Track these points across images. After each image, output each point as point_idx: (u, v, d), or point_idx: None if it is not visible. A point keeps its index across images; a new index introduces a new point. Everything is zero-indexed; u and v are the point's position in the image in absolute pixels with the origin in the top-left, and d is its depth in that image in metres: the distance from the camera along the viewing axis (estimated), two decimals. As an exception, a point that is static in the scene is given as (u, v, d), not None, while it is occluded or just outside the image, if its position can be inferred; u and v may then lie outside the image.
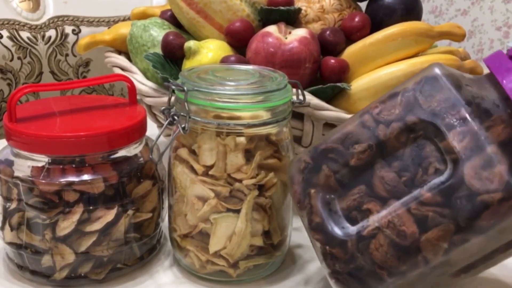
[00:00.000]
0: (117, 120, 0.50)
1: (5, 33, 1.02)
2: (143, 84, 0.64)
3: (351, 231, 0.41)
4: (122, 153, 0.49)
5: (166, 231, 0.56)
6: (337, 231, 0.42)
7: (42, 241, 0.47)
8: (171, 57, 0.64)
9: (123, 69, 0.68)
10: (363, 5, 0.69)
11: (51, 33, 1.08)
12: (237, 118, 0.46)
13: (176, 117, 0.48)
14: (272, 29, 0.61)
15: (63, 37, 1.09)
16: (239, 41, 0.63)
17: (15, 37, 1.03)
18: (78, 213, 0.47)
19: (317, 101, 0.57)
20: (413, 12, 0.65)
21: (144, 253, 0.53)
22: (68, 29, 1.10)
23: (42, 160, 0.47)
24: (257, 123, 0.47)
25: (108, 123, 0.49)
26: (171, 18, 0.70)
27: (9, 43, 1.03)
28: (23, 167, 0.47)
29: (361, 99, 0.59)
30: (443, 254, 0.38)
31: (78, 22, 1.11)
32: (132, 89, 0.55)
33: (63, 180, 0.46)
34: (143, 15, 0.77)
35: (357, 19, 0.63)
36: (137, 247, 0.51)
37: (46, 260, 0.48)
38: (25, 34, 1.05)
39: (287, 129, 0.50)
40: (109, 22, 1.15)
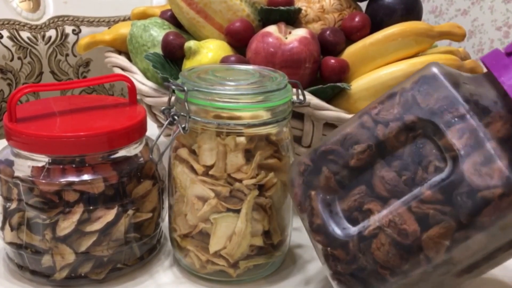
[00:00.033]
0: (117, 120, 0.50)
1: (5, 33, 1.02)
2: (143, 84, 0.64)
3: (352, 231, 0.41)
4: (122, 153, 0.49)
5: (166, 231, 0.56)
6: (338, 232, 0.42)
7: (42, 241, 0.47)
8: (171, 57, 0.64)
9: (123, 69, 0.68)
10: (363, 5, 0.69)
11: (51, 33, 1.08)
12: (237, 118, 0.46)
13: (176, 117, 0.48)
14: (272, 29, 0.61)
15: (63, 37, 1.09)
16: (239, 41, 0.63)
17: (15, 37, 1.03)
18: (78, 213, 0.47)
19: (317, 101, 0.57)
20: (413, 12, 0.65)
21: (144, 253, 0.53)
22: (68, 29, 1.10)
23: (42, 160, 0.47)
24: (257, 123, 0.47)
25: (108, 123, 0.49)
26: (171, 18, 0.70)
27: (9, 43, 1.03)
28: (23, 167, 0.47)
29: (361, 99, 0.59)
30: (445, 252, 0.38)
31: (78, 22, 1.11)
32: (132, 89, 0.55)
33: (63, 180, 0.46)
34: (143, 15, 0.77)
35: (357, 19, 0.63)
36: (137, 247, 0.51)
37: (46, 260, 0.48)
38: (25, 34, 1.05)
39: (287, 129, 0.50)
40: (109, 22, 1.15)
